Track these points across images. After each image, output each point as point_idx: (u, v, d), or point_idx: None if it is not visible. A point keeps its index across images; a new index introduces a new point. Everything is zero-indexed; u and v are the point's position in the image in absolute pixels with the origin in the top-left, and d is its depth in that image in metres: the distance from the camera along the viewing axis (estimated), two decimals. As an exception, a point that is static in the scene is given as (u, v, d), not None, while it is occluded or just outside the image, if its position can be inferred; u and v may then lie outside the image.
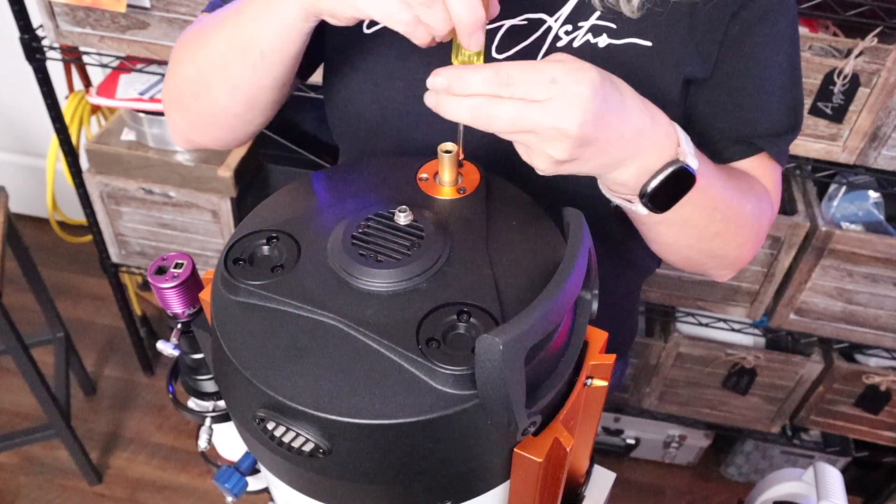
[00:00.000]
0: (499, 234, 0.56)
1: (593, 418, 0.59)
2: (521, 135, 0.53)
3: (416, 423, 0.45)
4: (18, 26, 1.40)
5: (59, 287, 2.16)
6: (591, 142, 0.53)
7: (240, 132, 0.73)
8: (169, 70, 0.73)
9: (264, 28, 0.61)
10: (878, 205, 1.46)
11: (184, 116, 0.73)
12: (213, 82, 0.67)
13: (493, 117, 0.51)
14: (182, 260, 0.61)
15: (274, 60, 0.63)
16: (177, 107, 0.73)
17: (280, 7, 0.59)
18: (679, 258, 0.73)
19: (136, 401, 1.99)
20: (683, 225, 0.65)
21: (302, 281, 0.51)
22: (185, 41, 0.71)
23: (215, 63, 0.65)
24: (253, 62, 0.63)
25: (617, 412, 1.82)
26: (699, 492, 1.92)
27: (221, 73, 0.66)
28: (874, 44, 1.18)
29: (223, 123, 0.72)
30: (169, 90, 0.73)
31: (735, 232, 0.69)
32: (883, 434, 1.70)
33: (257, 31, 0.61)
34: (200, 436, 0.69)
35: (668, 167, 0.58)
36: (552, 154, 0.53)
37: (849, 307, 1.51)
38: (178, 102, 0.72)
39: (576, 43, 0.68)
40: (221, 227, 1.61)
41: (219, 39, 0.65)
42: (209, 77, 0.67)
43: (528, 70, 0.51)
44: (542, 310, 0.44)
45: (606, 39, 0.67)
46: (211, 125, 0.72)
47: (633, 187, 0.59)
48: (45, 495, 1.78)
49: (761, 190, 0.74)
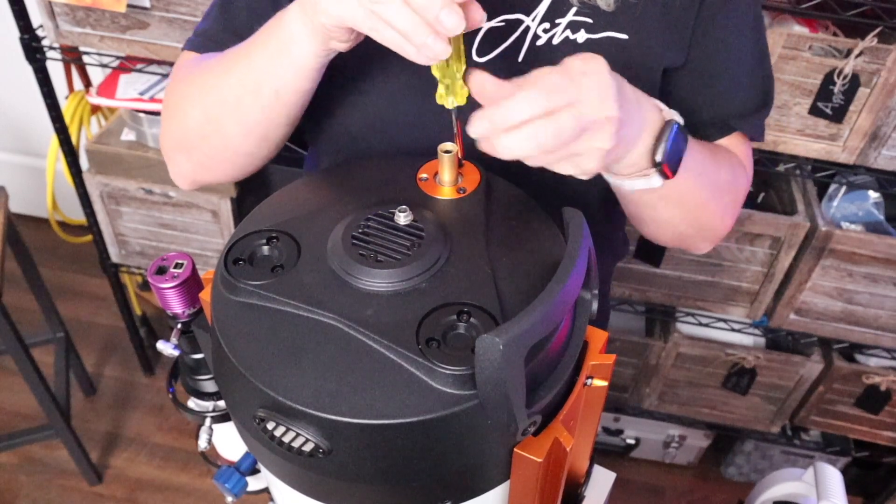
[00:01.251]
0: (499, 234, 0.56)
1: (593, 418, 0.59)
2: (578, 142, 0.52)
3: (416, 423, 0.45)
4: (18, 26, 1.40)
5: (59, 287, 2.16)
6: (623, 121, 0.54)
7: (249, 167, 0.73)
8: (167, 116, 0.73)
9: (280, 67, 0.61)
10: (878, 205, 1.46)
11: (191, 159, 0.73)
12: (225, 123, 0.67)
13: (558, 135, 0.51)
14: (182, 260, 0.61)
15: (288, 98, 0.64)
16: (182, 151, 0.73)
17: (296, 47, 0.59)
18: (671, 234, 0.76)
19: (136, 401, 1.99)
20: (679, 199, 0.68)
21: (302, 281, 0.51)
22: (183, 86, 0.71)
23: (227, 104, 0.66)
24: (267, 101, 0.64)
25: (617, 412, 1.82)
26: (699, 492, 1.92)
27: (234, 113, 0.66)
28: (874, 44, 1.18)
29: (234, 161, 0.72)
30: (171, 136, 0.73)
31: (718, 201, 0.73)
32: (883, 434, 1.70)
33: (272, 70, 0.62)
34: (200, 436, 0.69)
35: (666, 128, 0.61)
36: (601, 145, 0.53)
37: (849, 307, 1.51)
38: (184, 147, 0.72)
39: (555, 40, 0.69)
40: (221, 227, 1.61)
41: (230, 81, 0.65)
42: (220, 118, 0.67)
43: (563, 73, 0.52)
44: (542, 310, 0.44)
45: (585, 35, 0.68)
46: (220, 164, 0.72)
47: (647, 160, 0.61)
48: (45, 495, 1.78)
49: (735, 160, 0.77)
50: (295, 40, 0.59)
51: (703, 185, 0.69)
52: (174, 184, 1.53)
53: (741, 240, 1.45)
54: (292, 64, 0.61)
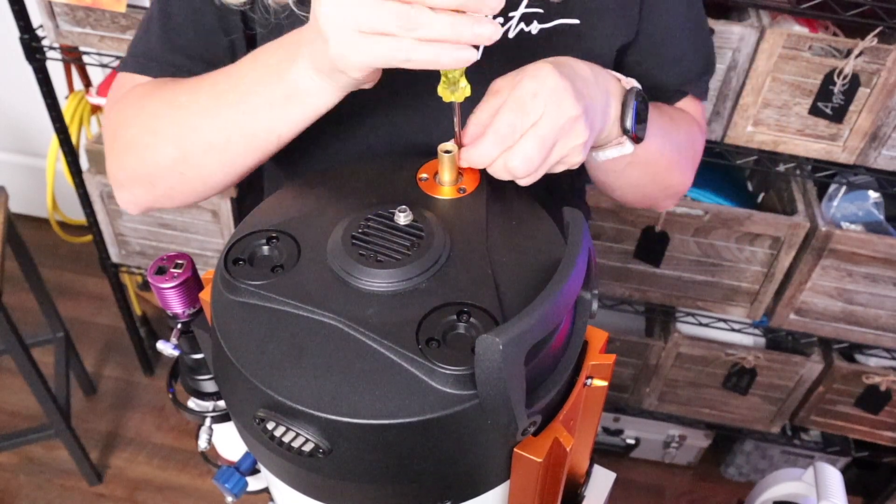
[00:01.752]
0: (499, 234, 0.56)
1: (593, 418, 0.59)
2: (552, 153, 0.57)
3: (416, 422, 0.45)
4: (18, 26, 1.40)
5: (59, 287, 2.16)
6: (588, 107, 0.58)
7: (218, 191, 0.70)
8: (122, 148, 0.68)
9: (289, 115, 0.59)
10: (878, 205, 1.46)
11: (153, 191, 0.69)
12: (206, 163, 0.64)
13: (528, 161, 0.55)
14: (182, 260, 0.61)
15: (287, 139, 0.62)
16: (144, 185, 0.69)
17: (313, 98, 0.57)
18: (639, 196, 0.81)
19: (136, 401, 1.99)
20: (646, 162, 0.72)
21: (302, 281, 0.51)
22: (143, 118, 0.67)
23: (213, 147, 0.63)
24: (264, 145, 0.62)
25: (617, 412, 1.82)
26: (699, 492, 1.92)
27: (221, 155, 0.63)
28: (874, 44, 1.18)
29: (203, 193, 0.69)
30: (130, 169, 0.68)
31: (680, 160, 0.78)
32: (883, 434, 1.70)
33: (278, 118, 0.60)
34: (200, 436, 0.69)
35: (628, 97, 0.64)
36: (578, 141, 0.58)
37: (849, 307, 1.51)
38: (147, 181, 0.68)
39: (510, 34, 0.70)
40: (221, 227, 1.61)
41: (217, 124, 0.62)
42: (201, 159, 0.64)
43: (515, 106, 0.55)
44: (542, 310, 0.44)
45: (538, 25, 0.70)
46: (188, 195, 0.69)
47: (617, 128, 0.65)
48: (45, 495, 1.78)
49: (691, 119, 0.82)
50: (311, 93, 0.57)
51: (666, 146, 0.74)
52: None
53: (741, 240, 1.45)
54: (305, 112, 0.59)
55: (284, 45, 0.58)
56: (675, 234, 1.45)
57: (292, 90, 0.57)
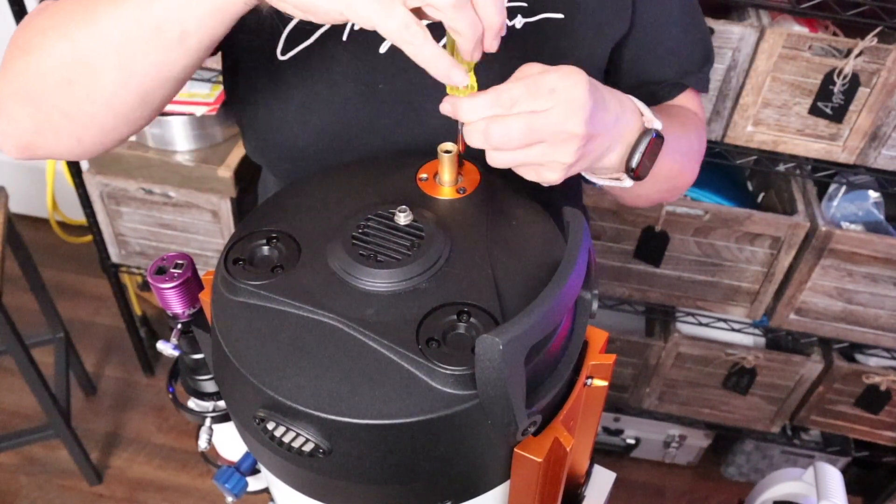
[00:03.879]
0: (499, 234, 0.56)
1: (593, 418, 0.59)
2: (532, 149, 0.54)
3: (416, 423, 0.45)
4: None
5: (59, 287, 2.16)
6: (593, 138, 0.56)
7: (110, 137, 0.61)
8: (11, 56, 0.58)
9: (194, 6, 0.52)
10: (878, 205, 1.46)
11: (37, 112, 0.58)
12: (100, 66, 0.55)
13: (505, 136, 0.53)
14: (182, 260, 0.61)
15: (193, 45, 0.53)
16: (26, 100, 0.58)
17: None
18: (646, 202, 0.81)
19: (136, 401, 1.99)
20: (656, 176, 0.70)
21: (302, 281, 0.51)
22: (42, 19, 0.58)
23: (109, 42, 0.54)
24: (166, 44, 0.53)
25: (617, 412, 1.82)
26: (699, 492, 1.92)
27: (117, 54, 0.54)
28: (874, 44, 1.18)
29: (96, 123, 0.59)
30: (15, 79, 0.58)
31: (687, 164, 0.77)
32: (883, 434, 1.70)
33: (183, 7, 0.52)
34: (200, 436, 0.69)
35: (642, 138, 0.62)
36: (562, 159, 0.55)
37: (849, 307, 1.51)
38: (31, 94, 0.58)
39: None
40: (221, 227, 1.61)
41: (117, 13, 0.53)
42: (95, 59, 0.54)
43: (529, 86, 0.53)
44: (542, 310, 0.44)
45: (522, 19, 0.69)
46: (74, 125, 0.59)
47: (619, 166, 0.63)
48: (45, 495, 1.78)
49: (696, 120, 0.81)
50: None
51: (676, 159, 0.73)
52: (174, 184, 1.55)
53: (741, 240, 1.45)
54: (213, 5, 0.51)
55: None
56: (675, 234, 1.45)
57: None
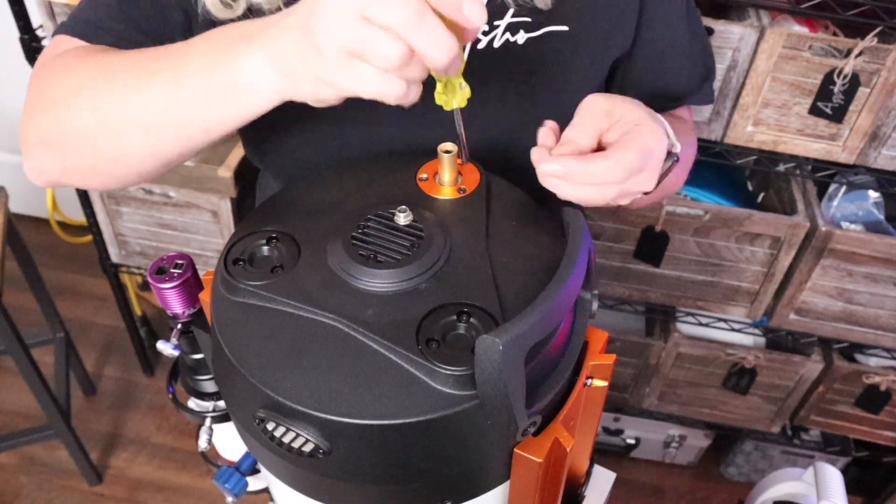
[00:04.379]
0: (499, 234, 0.56)
1: (593, 418, 0.59)
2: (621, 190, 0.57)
3: (415, 423, 0.45)
4: (18, 26, 1.40)
5: (59, 287, 2.16)
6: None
7: (133, 183, 0.63)
8: (39, 106, 0.62)
9: (223, 106, 0.53)
10: (878, 205, 1.46)
11: (63, 161, 0.62)
12: (125, 142, 0.58)
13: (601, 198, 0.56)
14: (182, 260, 0.61)
15: (216, 135, 0.56)
16: (53, 150, 0.62)
17: (249, 93, 0.52)
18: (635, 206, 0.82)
19: (136, 401, 1.99)
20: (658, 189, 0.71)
21: (302, 281, 0.51)
22: (70, 77, 0.60)
23: (135, 124, 0.56)
24: (191, 135, 0.56)
25: (617, 412, 1.82)
26: (699, 492, 1.92)
27: (143, 136, 0.57)
28: (874, 44, 1.18)
29: (118, 177, 0.62)
30: (42, 130, 0.62)
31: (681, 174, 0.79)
32: (883, 434, 1.70)
33: (208, 110, 0.54)
34: (200, 436, 0.69)
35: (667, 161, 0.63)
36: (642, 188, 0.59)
37: (849, 307, 1.51)
38: (58, 146, 0.61)
39: (496, 43, 0.68)
40: (221, 227, 1.61)
41: (143, 100, 0.55)
42: (121, 135, 0.57)
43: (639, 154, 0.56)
44: (542, 310, 0.44)
45: (524, 35, 0.68)
46: (101, 176, 0.62)
47: None
48: (45, 495, 1.78)
49: (689, 128, 0.83)
50: (255, 89, 0.51)
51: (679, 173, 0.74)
52: (174, 184, 1.55)
53: (741, 240, 1.45)
54: (239, 110, 0.53)
55: (244, 30, 0.52)
56: (675, 234, 1.45)
57: (234, 82, 0.51)
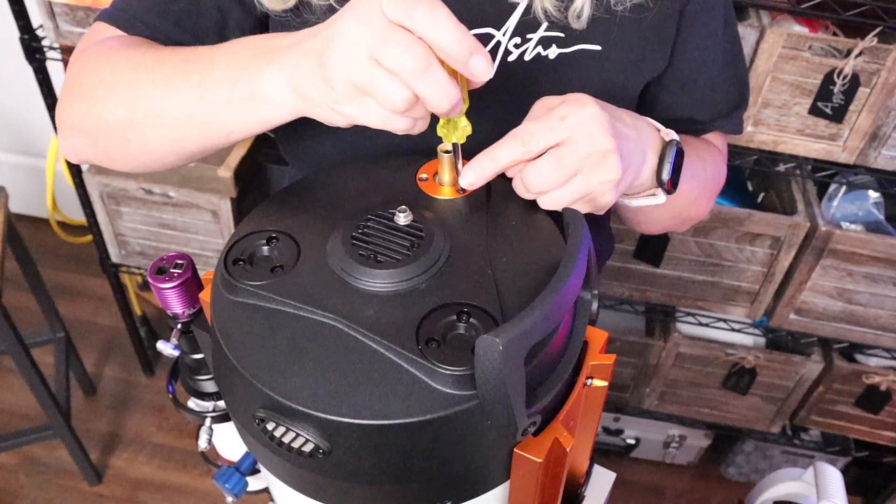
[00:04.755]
0: (499, 234, 0.56)
1: (593, 418, 0.59)
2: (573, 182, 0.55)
3: (415, 423, 0.45)
4: (18, 26, 1.40)
5: (59, 287, 2.16)
6: (622, 150, 0.56)
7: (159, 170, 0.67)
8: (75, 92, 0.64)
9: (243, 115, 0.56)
10: (878, 205, 1.46)
11: (94, 146, 0.65)
12: (153, 136, 0.61)
13: (540, 177, 0.54)
14: (182, 260, 0.61)
15: (238, 138, 0.59)
16: (87, 136, 0.65)
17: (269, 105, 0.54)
18: (659, 229, 0.82)
19: (136, 401, 1.99)
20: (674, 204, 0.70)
21: (302, 281, 0.51)
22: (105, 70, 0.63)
23: (163, 123, 0.59)
24: (214, 136, 0.59)
25: (617, 412, 1.82)
26: (699, 492, 1.92)
27: (170, 134, 0.60)
28: (874, 44, 1.18)
29: (146, 164, 0.65)
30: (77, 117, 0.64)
31: (702, 196, 0.77)
32: (883, 434, 1.70)
33: (232, 115, 0.56)
34: (200, 436, 0.69)
35: (667, 149, 0.63)
36: (610, 177, 0.56)
37: (849, 307, 1.51)
38: (91, 134, 0.64)
39: (527, 56, 0.68)
40: (221, 227, 1.61)
41: (172, 103, 0.58)
42: (149, 130, 0.61)
43: (540, 122, 0.54)
44: (542, 310, 0.44)
45: (556, 50, 0.68)
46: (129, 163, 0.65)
47: (652, 181, 0.64)
48: (45, 495, 1.78)
49: (716, 153, 0.81)
50: (276, 102, 0.54)
51: (693, 187, 0.72)
52: (174, 184, 1.54)
53: (741, 240, 1.45)
54: (260, 119, 0.56)
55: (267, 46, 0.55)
56: (675, 234, 1.45)
57: (255, 93, 0.54)
